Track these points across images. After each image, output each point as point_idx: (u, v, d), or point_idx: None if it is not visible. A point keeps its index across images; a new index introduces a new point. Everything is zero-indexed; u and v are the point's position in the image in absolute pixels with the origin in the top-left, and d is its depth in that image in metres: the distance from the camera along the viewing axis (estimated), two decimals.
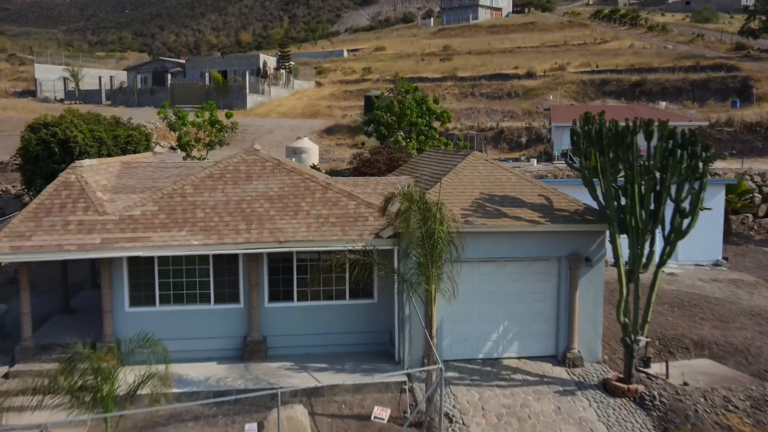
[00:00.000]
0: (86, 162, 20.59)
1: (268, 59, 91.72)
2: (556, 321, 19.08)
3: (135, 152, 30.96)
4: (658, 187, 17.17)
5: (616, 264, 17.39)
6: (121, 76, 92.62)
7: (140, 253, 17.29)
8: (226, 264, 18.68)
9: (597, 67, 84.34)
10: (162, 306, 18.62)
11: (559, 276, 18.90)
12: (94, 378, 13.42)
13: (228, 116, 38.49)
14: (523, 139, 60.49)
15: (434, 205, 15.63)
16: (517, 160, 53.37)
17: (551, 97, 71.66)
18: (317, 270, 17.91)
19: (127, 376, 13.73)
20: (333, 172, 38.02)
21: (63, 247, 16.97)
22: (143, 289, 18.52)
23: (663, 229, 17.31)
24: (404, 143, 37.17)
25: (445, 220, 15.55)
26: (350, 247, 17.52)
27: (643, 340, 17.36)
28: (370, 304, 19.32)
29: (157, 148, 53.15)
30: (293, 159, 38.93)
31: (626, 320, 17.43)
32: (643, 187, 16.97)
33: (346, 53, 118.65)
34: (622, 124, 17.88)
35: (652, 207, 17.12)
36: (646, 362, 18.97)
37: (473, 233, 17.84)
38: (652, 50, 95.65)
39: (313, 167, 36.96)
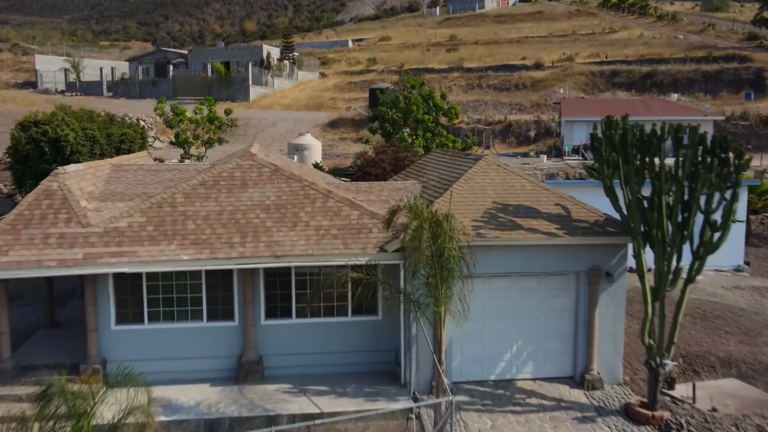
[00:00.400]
0: (71, 167, 19.27)
1: (272, 50, 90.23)
2: (574, 339, 17.76)
3: (129, 151, 29.70)
4: (686, 197, 15.80)
5: (641, 281, 16.02)
6: (123, 67, 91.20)
7: (126, 270, 16.00)
8: (220, 279, 17.38)
9: (606, 57, 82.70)
10: (151, 324, 17.34)
11: (578, 291, 17.57)
12: (68, 416, 12.15)
13: (227, 113, 37.08)
14: (532, 133, 59.07)
15: (444, 219, 14.27)
16: (525, 155, 51.97)
17: (561, 90, 69.98)
18: (317, 288, 16.54)
19: (104, 414, 12.40)
20: (336, 171, 36.72)
21: (42, 263, 15.69)
22: (131, 305, 17.24)
23: (691, 242, 15.94)
24: (410, 140, 35.80)
25: (455, 236, 14.20)
26: (353, 262, 16.26)
27: (670, 364, 16.00)
28: (374, 322, 18.01)
29: (157, 143, 51.91)
30: (295, 156, 37.66)
31: (651, 342, 16.08)
32: (670, 199, 15.60)
33: (350, 43, 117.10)
34: (638, 119, 16.48)
35: (679, 219, 15.75)
36: (671, 383, 17.65)
37: (485, 246, 16.51)
38: (662, 40, 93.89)
39: (316, 166, 35.68)
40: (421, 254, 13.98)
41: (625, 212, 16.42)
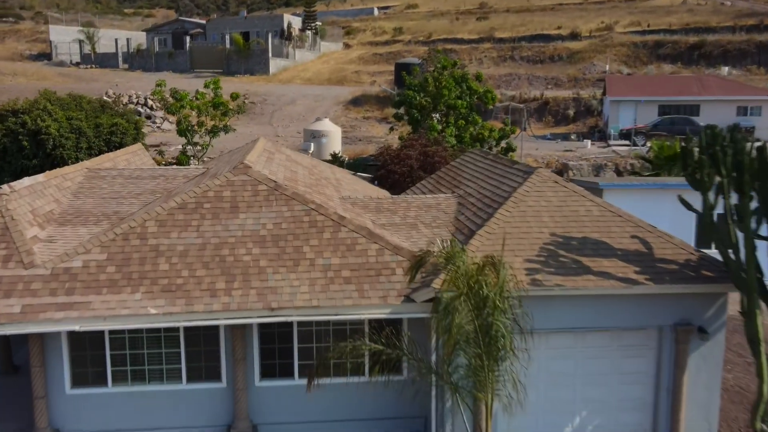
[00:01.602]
0: (23, 182, 15.59)
1: (293, 19, 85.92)
2: (654, 411, 13.86)
3: (121, 144, 26.11)
4: None
5: (754, 352, 12.07)
6: (140, 38, 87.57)
7: (75, 328, 12.35)
8: (203, 330, 13.70)
9: (648, 26, 77.29)
10: (117, 386, 13.73)
11: (660, 351, 13.63)
12: None
13: (234, 97, 33.08)
14: (571, 112, 54.55)
15: (491, 281, 10.36)
16: (566, 137, 47.60)
17: (607, 67, 64.88)
18: (321, 360, 12.67)
19: None
20: (356, 162, 32.80)
21: None
22: (90, 363, 13.64)
23: None
24: (440, 129, 31.65)
25: (506, 306, 10.32)
26: (369, 315, 12.56)
27: None
28: (397, 383, 14.16)
29: (165, 125, 48.40)
30: (312, 144, 33.80)
31: (764, 427, 12.20)
32: None
33: (376, 11, 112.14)
34: (693, 99, 12.41)
35: None
36: None
37: (543, 297, 12.65)
38: (707, 7, 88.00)
39: (334, 156, 31.83)
40: (453, 338, 10.10)
41: (736, 258, 12.38)
